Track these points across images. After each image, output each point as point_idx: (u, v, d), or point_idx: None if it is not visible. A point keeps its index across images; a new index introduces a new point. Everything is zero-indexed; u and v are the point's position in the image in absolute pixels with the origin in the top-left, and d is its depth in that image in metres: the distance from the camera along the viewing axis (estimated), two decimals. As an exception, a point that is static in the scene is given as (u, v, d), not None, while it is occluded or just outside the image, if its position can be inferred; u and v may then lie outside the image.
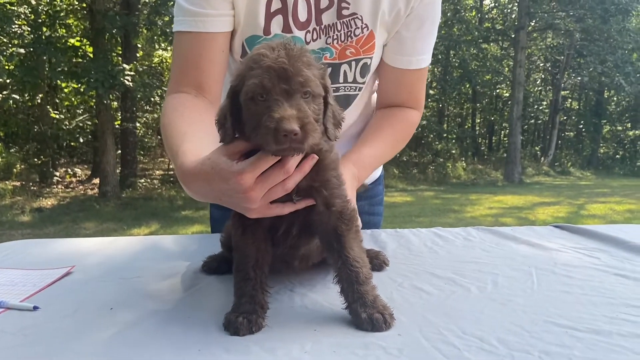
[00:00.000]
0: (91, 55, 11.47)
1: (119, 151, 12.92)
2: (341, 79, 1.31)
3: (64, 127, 13.72)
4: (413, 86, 1.39)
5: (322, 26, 1.25)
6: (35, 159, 12.92)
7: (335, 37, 1.26)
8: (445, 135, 21.69)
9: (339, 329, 0.84)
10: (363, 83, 1.34)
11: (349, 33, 1.25)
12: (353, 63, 1.29)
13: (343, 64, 1.29)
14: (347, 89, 1.33)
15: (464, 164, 19.51)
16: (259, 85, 0.79)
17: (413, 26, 1.29)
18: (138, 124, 13.87)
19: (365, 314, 0.83)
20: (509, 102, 21.03)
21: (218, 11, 1.21)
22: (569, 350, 0.76)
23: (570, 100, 28.10)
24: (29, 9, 11.16)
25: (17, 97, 11.74)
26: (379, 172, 1.65)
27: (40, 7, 11.43)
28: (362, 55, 1.29)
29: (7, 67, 10.25)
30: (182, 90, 1.22)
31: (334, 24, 1.25)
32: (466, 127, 25.40)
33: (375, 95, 1.51)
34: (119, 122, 12.96)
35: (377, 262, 1.18)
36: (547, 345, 0.78)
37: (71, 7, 12.92)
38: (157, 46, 14.73)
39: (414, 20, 1.28)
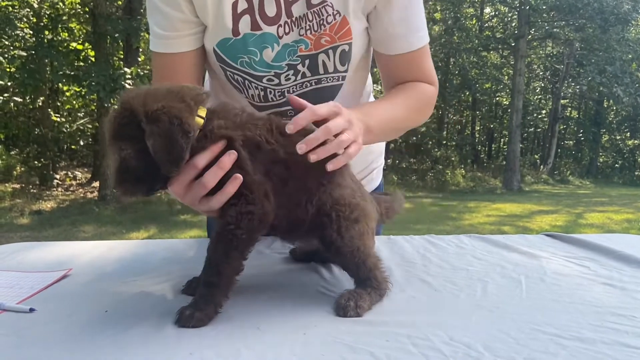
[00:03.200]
0: (93, 59, 11.52)
1: (119, 155, 12.90)
2: (321, 70, 1.30)
3: (65, 130, 13.74)
4: (422, 64, 1.35)
5: (293, 18, 1.24)
6: (36, 162, 12.92)
7: (307, 27, 1.25)
8: (444, 142, 21.73)
9: (328, 333, 0.85)
10: (345, 72, 1.33)
11: (321, 22, 1.24)
12: (330, 51, 1.28)
13: (320, 53, 1.28)
14: (330, 79, 1.32)
15: (463, 172, 19.53)
16: None
17: (398, 6, 1.25)
18: (138, 128, 13.86)
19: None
20: (509, 110, 21.09)
21: (180, 32, 1.25)
22: (553, 357, 0.78)
23: (569, 109, 28.17)
24: (31, 12, 11.22)
25: (19, 99, 11.76)
26: (378, 180, 1.64)
27: (42, 11, 11.49)
28: (337, 42, 1.27)
29: (8, 70, 10.28)
30: None
31: (305, 14, 1.24)
32: (466, 134, 25.43)
33: (368, 90, 1.50)
34: (119, 125, 12.95)
35: None
36: (532, 352, 0.79)
37: (73, 10, 12.97)
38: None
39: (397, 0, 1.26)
